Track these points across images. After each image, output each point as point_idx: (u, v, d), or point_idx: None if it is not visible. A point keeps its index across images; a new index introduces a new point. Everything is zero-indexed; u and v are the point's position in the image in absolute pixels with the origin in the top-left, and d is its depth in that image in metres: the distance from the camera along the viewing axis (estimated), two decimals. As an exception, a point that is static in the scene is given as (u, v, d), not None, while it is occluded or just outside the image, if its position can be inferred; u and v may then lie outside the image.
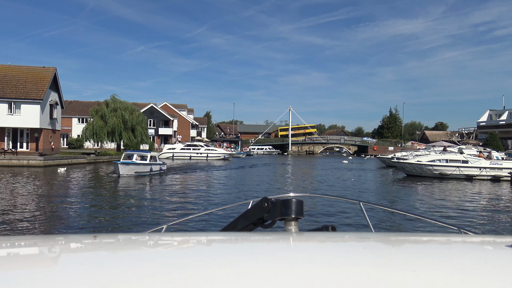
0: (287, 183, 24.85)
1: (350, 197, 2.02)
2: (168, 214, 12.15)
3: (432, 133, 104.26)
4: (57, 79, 40.18)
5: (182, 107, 78.06)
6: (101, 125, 42.18)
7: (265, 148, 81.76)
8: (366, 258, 0.83)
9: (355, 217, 10.73)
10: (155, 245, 1.03)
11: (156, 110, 66.26)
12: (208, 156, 50.72)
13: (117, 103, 43.98)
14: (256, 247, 0.97)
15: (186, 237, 1.16)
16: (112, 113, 42.90)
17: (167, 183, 22.53)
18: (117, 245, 1.02)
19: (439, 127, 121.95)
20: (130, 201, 15.16)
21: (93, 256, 0.89)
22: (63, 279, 0.67)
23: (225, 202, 15.34)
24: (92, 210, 12.98)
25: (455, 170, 27.15)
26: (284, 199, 1.23)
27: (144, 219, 11.37)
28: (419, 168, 27.91)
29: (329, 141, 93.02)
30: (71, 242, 1.09)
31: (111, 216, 11.93)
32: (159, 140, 65.85)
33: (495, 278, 0.70)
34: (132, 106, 45.56)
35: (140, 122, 44.74)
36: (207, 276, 0.67)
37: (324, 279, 0.66)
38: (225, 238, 1.11)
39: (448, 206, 15.16)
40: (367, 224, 1.54)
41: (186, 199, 16.01)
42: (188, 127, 74.02)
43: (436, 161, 27.94)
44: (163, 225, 1.52)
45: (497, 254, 0.91)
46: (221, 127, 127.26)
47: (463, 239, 1.17)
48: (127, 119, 43.30)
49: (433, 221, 1.73)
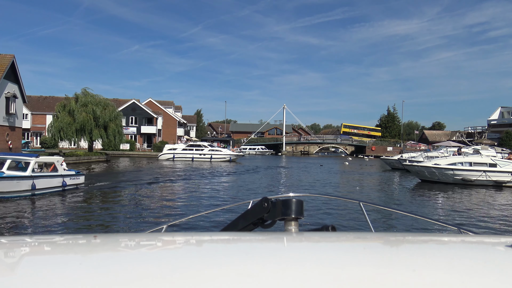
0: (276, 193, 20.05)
1: (350, 197, 2.05)
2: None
3: (432, 133, 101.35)
4: (16, 69, 34.94)
5: (168, 104, 72.83)
6: (69, 121, 37.04)
7: (257, 148, 76.99)
8: (366, 258, 0.84)
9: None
10: (155, 245, 1.03)
11: (139, 106, 60.81)
12: (212, 157, 45.50)
13: (88, 97, 38.84)
14: (256, 247, 0.97)
15: (186, 237, 1.14)
16: (81, 108, 37.78)
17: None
18: (117, 245, 1.02)
19: (437, 127, 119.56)
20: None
21: (93, 256, 0.90)
22: (63, 279, 0.67)
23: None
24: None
25: (481, 175, 22.50)
26: (284, 199, 1.24)
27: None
28: (439, 173, 23.21)
29: (325, 141, 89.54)
30: (71, 242, 1.08)
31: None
32: (141, 140, 60.67)
33: (495, 278, 0.70)
34: (106, 101, 40.36)
35: (114, 119, 39.59)
36: (207, 276, 0.67)
37: (324, 279, 0.66)
38: (225, 238, 1.10)
39: (498, 225, 11.28)
40: (367, 224, 1.52)
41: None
42: (175, 125, 68.70)
43: (457, 164, 23.26)
44: (163, 225, 1.52)
45: (497, 254, 0.91)
46: (213, 126, 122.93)
47: (463, 239, 1.18)
48: (98, 115, 38.15)
49: (433, 221, 1.84)
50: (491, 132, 56.41)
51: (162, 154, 46.62)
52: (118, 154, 52.83)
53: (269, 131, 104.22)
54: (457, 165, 23.19)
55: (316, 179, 26.07)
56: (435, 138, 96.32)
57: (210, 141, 67.36)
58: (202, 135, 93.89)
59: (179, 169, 32.38)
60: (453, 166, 23.10)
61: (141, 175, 26.07)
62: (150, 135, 61.79)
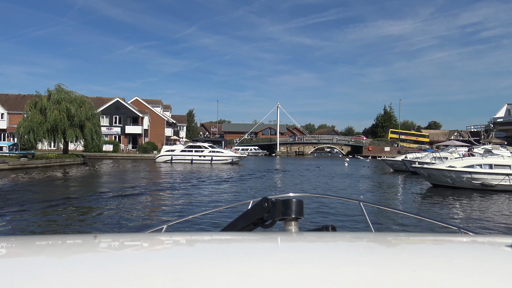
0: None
1: (350, 197, 2.03)
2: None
3: (430, 132, 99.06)
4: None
5: (156, 103, 69.23)
6: (40, 120, 33.57)
7: (250, 149, 73.68)
8: (366, 258, 0.84)
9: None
10: (155, 245, 1.03)
11: (123, 105, 57.13)
12: (213, 159, 42.00)
13: (62, 93, 35.35)
14: (256, 247, 0.97)
15: (186, 237, 1.14)
16: (54, 106, 34.30)
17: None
18: (117, 245, 1.02)
19: (433, 126, 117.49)
20: None
21: (93, 256, 0.90)
22: (63, 279, 0.67)
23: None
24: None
25: (504, 179, 19.46)
26: (284, 199, 1.24)
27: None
28: (456, 177, 20.11)
29: (320, 141, 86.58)
30: (71, 242, 1.08)
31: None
32: (126, 140, 57.12)
33: (495, 278, 0.69)
34: (82, 98, 36.83)
35: (91, 118, 36.12)
36: (207, 275, 0.67)
37: (324, 279, 0.66)
38: (225, 238, 1.10)
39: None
40: (367, 224, 1.51)
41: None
42: (162, 125, 65.08)
43: (475, 166, 20.18)
44: (163, 225, 1.51)
45: (497, 254, 0.91)
46: (206, 126, 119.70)
47: (463, 239, 1.17)
48: (73, 113, 34.67)
49: (433, 221, 1.74)
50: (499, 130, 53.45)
51: (160, 156, 43.35)
52: (100, 156, 49.32)
53: (263, 131, 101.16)
54: (475, 167, 20.11)
55: (316, 185, 22.91)
56: (433, 137, 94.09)
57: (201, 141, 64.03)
58: (194, 136, 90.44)
59: (167, 174, 29.02)
60: (471, 168, 20.02)
61: (103, 184, 22.69)
62: (135, 136, 58.14)
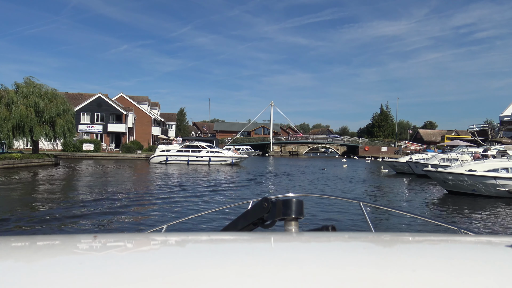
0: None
1: (350, 197, 2.11)
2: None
3: (427, 132, 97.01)
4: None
5: (143, 100, 65.70)
6: (4, 116, 30.08)
7: (242, 149, 70.41)
8: (366, 258, 0.84)
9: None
10: (155, 245, 1.03)
11: (105, 101, 53.46)
12: (211, 160, 38.83)
13: (31, 87, 31.85)
14: (256, 247, 0.96)
15: (186, 237, 1.13)
16: (20, 100, 30.82)
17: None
18: (117, 245, 1.02)
19: (429, 126, 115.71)
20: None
21: (93, 256, 0.90)
22: (63, 279, 0.67)
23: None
24: None
25: (534, 186, 16.44)
26: (284, 199, 1.23)
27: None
28: (477, 182, 17.03)
29: (315, 141, 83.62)
30: (71, 242, 1.06)
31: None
32: (108, 139, 53.55)
33: (494, 278, 0.69)
34: (54, 92, 33.34)
35: (63, 114, 32.65)
36: (207, 276, 0.67)
37: (324, 279, 0.66)
38: (225, 238, 1.10)
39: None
40: (367, 224, 1.52)
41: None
42: (149, 123, 61.55)
43: (500, 170, 17.13)
44: (163, 225, 1.51)
45: (497, 254, 0.90)
46: (198, 125, 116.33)
47: (463, 239, 1.17)
48: (42, 108, 31.22)
49: (433, 221, 1.70)
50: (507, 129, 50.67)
51: (154, 156, 40.28)
52: (79, 156, 45.76)
53: (256, 130, 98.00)
54: (501, 171, 17.07)
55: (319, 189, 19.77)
56: (430, 137, 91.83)
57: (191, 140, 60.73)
58: (185, 135, 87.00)
59: (152, 178, 25.71)
60: (495, 173, 16.96)
61: (71, 190, 19.34)
62: (118, 134, 54.58)
